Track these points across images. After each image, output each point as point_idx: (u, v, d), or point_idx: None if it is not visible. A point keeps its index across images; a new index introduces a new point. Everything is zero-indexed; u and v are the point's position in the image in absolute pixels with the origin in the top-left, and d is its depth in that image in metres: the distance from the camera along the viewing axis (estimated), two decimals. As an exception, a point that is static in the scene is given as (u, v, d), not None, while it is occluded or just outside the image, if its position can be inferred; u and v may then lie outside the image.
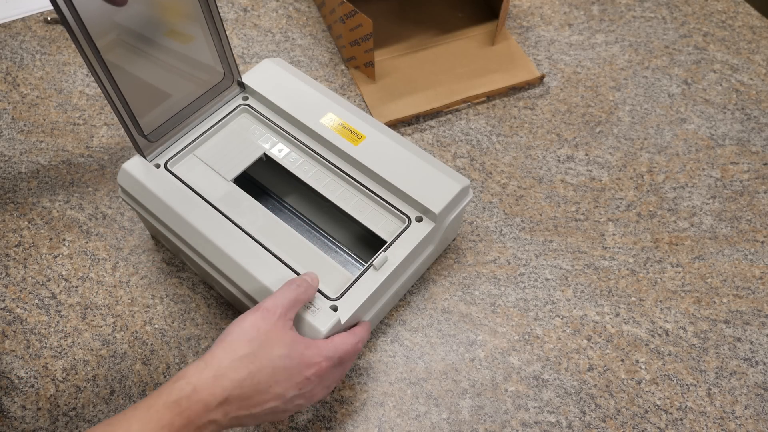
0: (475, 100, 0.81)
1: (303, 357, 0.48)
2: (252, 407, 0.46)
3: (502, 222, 0.72)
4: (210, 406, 0.44)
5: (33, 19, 0.91)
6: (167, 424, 0.42)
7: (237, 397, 0.45)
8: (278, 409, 0.48)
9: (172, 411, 0.43)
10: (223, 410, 0.44)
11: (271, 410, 0.47)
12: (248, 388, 0.45)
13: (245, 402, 0.45)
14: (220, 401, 0.44)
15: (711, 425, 0.59)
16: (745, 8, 0.93)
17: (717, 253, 0.69)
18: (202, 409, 0.43)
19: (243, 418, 0.46)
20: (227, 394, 0.44)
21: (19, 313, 0.65)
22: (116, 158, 0.77)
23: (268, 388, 0.46)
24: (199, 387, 0.44)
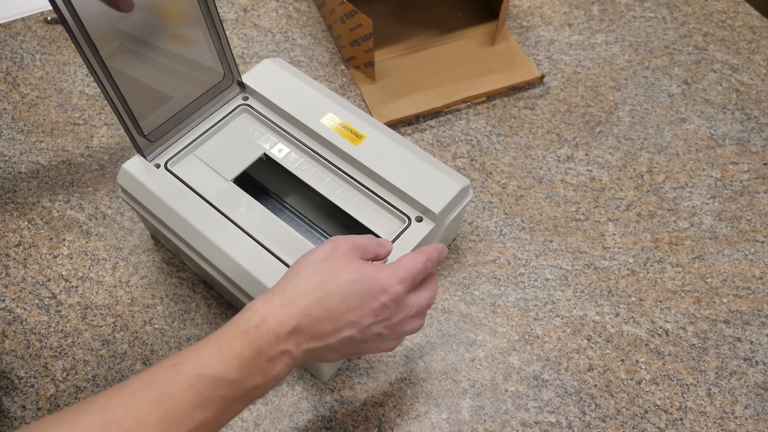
0: (475, 100, 0.81)
1: (375, 281, 0.44)
2: (325, 337, 0.43)
3: (502, 222, 0.72)
4: (280, 335, 0.41)
5: (33, 19, 0.91)
6: (237, 355, 0.40)
7: (307, 325, 0.42)
8: (356, 340, 0.44)
9: (241, 341, 0.41)
10: (295, 340, 0.42)
11: (349, 340, 0.44)
12: (318, 316, 0.43)
13: (317, 331, 0.43)
14: (289, 330, 0.42)
15: (711, 425, 0.59)
16: (745, 8, 0.93)
17: (717, 253, 0.69)
18: (273, 338, 0.41)
19: (319, 351, 0.43)
20: (296, 322, 0.42)
21: (19, 313, 0.65)
22: (116, 158, 0.77)
23: (340, 315, 0.43)
24: (267, 316, 0.42)
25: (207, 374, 0.39)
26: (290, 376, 0.61)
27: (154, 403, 0.37)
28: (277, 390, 0.61)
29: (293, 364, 0.43)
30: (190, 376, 0.39)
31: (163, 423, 0.37)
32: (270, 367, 0.41)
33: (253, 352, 0.41)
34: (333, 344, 0.43)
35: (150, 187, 0.59)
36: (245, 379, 0.40)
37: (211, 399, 0.39)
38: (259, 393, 0.42)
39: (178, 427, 0.37)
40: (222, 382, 0.39)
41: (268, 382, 0.42)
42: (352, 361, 0.62)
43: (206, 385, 0.39)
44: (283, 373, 0.42)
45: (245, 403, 0.41)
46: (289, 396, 0.60)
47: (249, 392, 0.41)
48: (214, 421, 0.39)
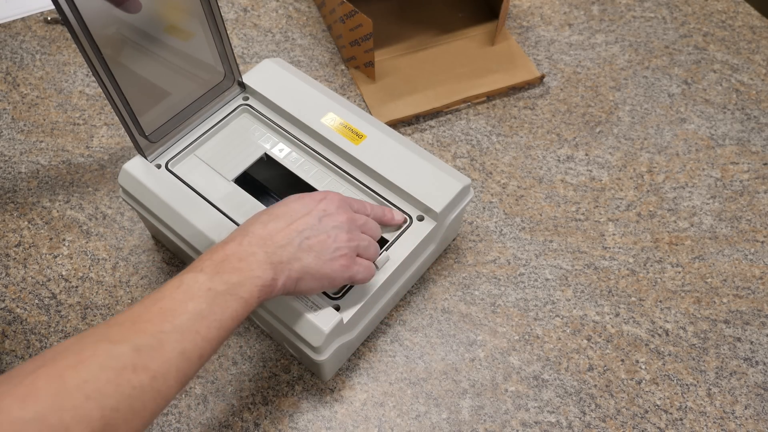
0: (475, 100, 0.81)
1: (311, 194, 0.52)
2: (286, 235, 0.48)
3: (502, 222, 0.72)
4: (242, 243, 0.46)
5: (33, 19, 0.90)
6: (208, 259, 0.45)
7: (262, 230, 0.48)
8: (316, 232, 0.49)
9: (209, 253, 0.46)
10: (257, 243, 0.46)
11: (310, 233, 0.49)
12: (270, 221, 0.48)
13: (275, 233, 0.48)
14: (249, 238, 0.47)
15: (711, 425, 0.59)
16: (745, 8, 0.93)
17: (717, 253, 0.70)
18: (236, 246, 0.46)
19: (286, 247, 0.47)
20: (251, 230, 0.47)
21: (19, 313, 0.65)
22: (116, 158, 0.77)
23: (290, 215, 0.49)
24: (228, 238, 0.47)
25: (187, 277, 0.43)
26: (290, 376, 0.61)
27: (149, 307, 0.41)
28: (277, 390, 0.61)
29: (269, 263, 0.46)
30: (172, 284, 0.43)
31: (160, 317, 0.40)
32: (244, 265, 0.45)
33: (222, 257, 0.45)
34: (296, 240, 0.48)
35: (151, 188, 0.59)
36: (223, 274, 0.44)
37: (198, 292, 0.42)
38: (246, 290, 0.44)
39: (176, 317, 0.41)
40: (201, 279, 0.43)
41: (249, 279, 0.44)
42: (352, 361, 0.62)
43: (188, 284, 0.43)
44: (262, 271, 0.45)
45: (237, 301, 0.44)
46: (289, 396, 0.60)
47: (234, 287, 0.44)
48: (210, 313, 0.42)
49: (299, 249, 0.48)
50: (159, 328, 0.40)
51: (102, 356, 0.37)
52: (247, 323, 0.65)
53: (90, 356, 0.37)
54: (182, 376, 0.40)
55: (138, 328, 0.39)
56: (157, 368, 0.38)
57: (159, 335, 0.39)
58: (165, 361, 0.39)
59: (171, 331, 0.40)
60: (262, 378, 0.61)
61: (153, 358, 0.38)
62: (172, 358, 0.39)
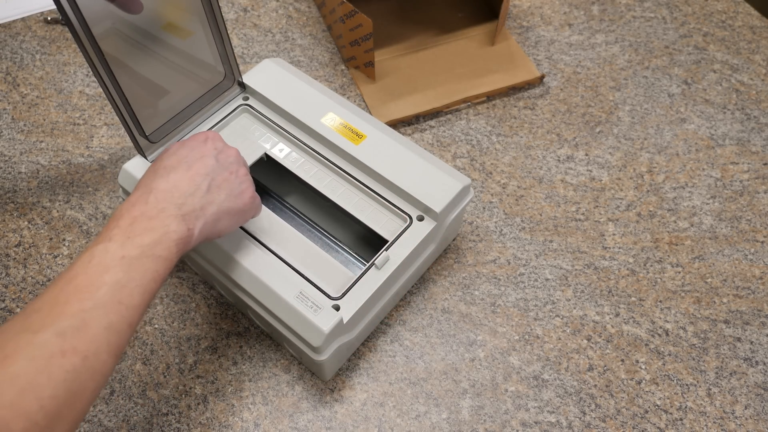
0: (475, 100, 0.81)
1: (196, 138, 0.52)
2: (190, 182, 0.47)
3: (502, 222, 0.72)
4: (148, 201, 0.45)
5: (33, 19, 0.90)
6: (115, 227, 0.43)
7: (165, 183, 0.46)
8: (219, 169, 0.49)
9: (115, 220, 0.44)
10: (163, 198, 0.45)
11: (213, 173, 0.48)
12: (169, 173, 0.47)
13: (178, 183, 0.47)
14: (153, 194, 0.45)
15: (711, 425, 0.59)
16: (745, 8, 0.93)
17: (717, 253, 0.70)
18: (142, 206, 0.44)
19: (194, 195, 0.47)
20: (153, 187, 0.46)
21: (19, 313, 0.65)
22: (116, 158, 0.77)
23: (186, 163, 0.48)
24: (131, 200, 0.46)
25: (96, 249, 0.41)
26: (290, 376, 0.61)
27: (64, 287, 0.40)
28: (277, 390, 0.61)
29: (180, 216, 0.45)
30: (83, 258, 0.41)
31: (77, 295, 0.39)
32: (155, 223, 0.43)
33: (130, 220, 0.43)
34: (203, 184, 0.47)
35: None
36: (134, 238, 0.42)
37: (111, 263, 0.41)
38: (163, 249, 0.43)
39: (94, 292, 0.39)
40: (112, 248, 0.41)
41: (163, 237, 0.43)
42: (352, 361, 0.62)
43: (100, 256, 0.41)
44: (175, 225, 0.44)
45: (155, 261, 0.42)
46: (289, 396, 0.60)
47: (148, 248, 0.42)
48: (129, 281, 0.41)
49: (208, 192, 0.47)
50: (79, 306, 0.38)
51: (26, 348, 0.36)
52: (247, 323, 0.65)
53: (14, 350, 0.36)
54: (114, 348, 0.39)
55: (57, 311, 0.38)
56: (87, 347, 0.38)
57: (81, 314, 0.38)
58: (93, 339, 0.38)
59: (92, 308, 0.39)
60: (262, 378, 0.61)
61: (79, 338, 0.37)
62: (100, 333, 0.38)
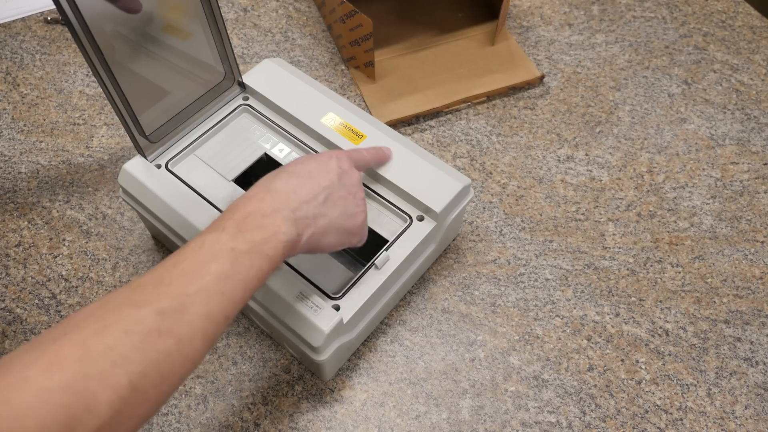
0: (475, 100, 0.81)
1: (324, 155, 0.52)
2: (310, 190, 0.47)
3: (502, 222, 0.72)
4: (265, 199, 0.45)
5: (33, 19, 0.90)
6: (230, 218, 0.44)
7: (285, 185, 0.47)
8: (338, 188, 0.49)
9: (231, 212, 0.45)
10: (281, 199, 0.46)
11: (332, 189, 0.49)
12: (290, 179, 0.48)
13: (299, 188, 0.47)
14: (272, 194, 0.46)
15: (711, 425, 0.59)
16: (745, 8, 0.93)
17: (717, 253, 0.70)
18: (258, 203, 0.45)
19: (311, 202, 0.47)
20: (273, 187, 0.46)
21: (19, 313, 0.65)
22: (116, 158, 0.77)
23: (310, 174, 0.49)
24: (249, 195, 0.46)
25: (208, 237, 0.42)
26: (290, 376, 0.61)
27: (170, 269, 0.40)
28: (277, 390, 0.61)
29: (293, 220, 0.45)
30: (194, 244, 0.42)
31: (182, 278, 0.39)
32: (268, 222, 0.44)
33: (244, 214, 0.44)
34: (320, 195, 0.48)
35: (151, 188, 0.59)
36: (246, 232, 0.43)
37: (220, 252, 0.41)
38: (270, 247, 0.43)
39: (198, 279, 0.40)
40: (224, 238, 0.42)
41: (273, 236, 0.43)
42: (352, 361, 0.62)
43: (210, 244, 0.41)
44: (286, 227, 0.44)
45: (262, 258, 0.43)
46: (289, 396, 0.60)
47: (257, 245, 0.42)
48: (235, 272, 0.41)
49: (323, 204, 0.48)
50: (182, 290, 0.39)
51: (126, 321, 0.36)
52: (247, 323, 0.65)
53: (113, 322, 0.36)
54: (209, 338, 0.39)
55: (161, 291, 0.38)
56: (183, 332, 0.38)
57: (182, 298, 0.38)
58: (190, 324, 0.38)
59: (195, 293, 0.39)
60: (262, 378, 0.61)
61: (177, 321, 0.38)
62: (197, 320, 0.38)
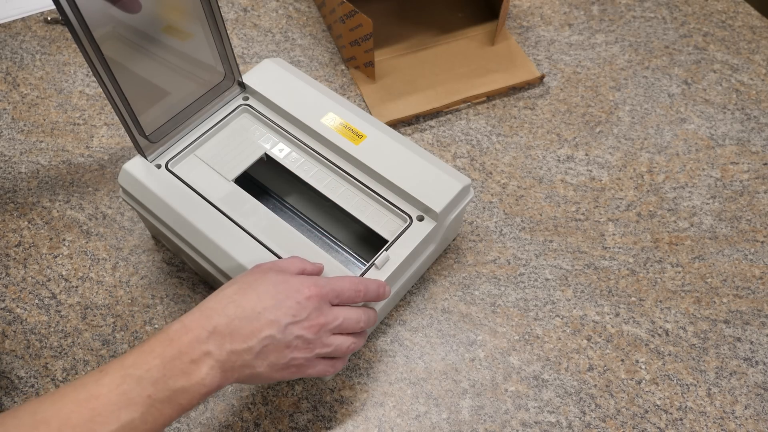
0: (475, 100, 0.81)
1: (289, 283, 0.48)
2: (246, 338, 0.45)
3: (502, 222, 0.72)
4: (201, 337, 0.44)
5: (33, 19, 0.90)
6: (159, 355, 0.42)
7: (225, 325, 0.45)
8: (279, 343, 0.46)
9: (163, 343, 0.43)
10: (216, 342, 0.44)
11: (272, 343, 0.46)
12: (235, 317, 0.45)
13: (237, 332, 0.45)
14: (209, 331, 0.44)
15: (711, 425, 0.59)
16: (745, 8, 0.93)
17: (717, 253, 0.70)
18: (193, 340, 0.43)
19: (244, 355, 0.45)
20: (214, 323, 0.44)
21: (19, 313, 0.65)
22: (116, 158, 0.77)
23: (257, 314, 0.45)
24: (188, 322, 0.45)
25: (130, 374, 0.41)
26: (291, 376, 0.61)
27: (82, 404, 0.39)
28: (277, 390, 0.61)
29: (220, 370, 0.44)
30: (115, 378, 0.41)
31: (89, 422, 0.39)
32: (194, 368, 0.43)
33: (175, 352, 0.43)
34: (256, 347, 0.45)
35: (151, 188, 0.59)
36: (169, 378, 0.42)
37: (136, 398, 0.41)
38: (187, 398, 0.43)
39: (105, 426, 0.39)
40: (145, 381, 0.41)
41: (195, 386, 0.43)
42: (352, 361, 0.62)
43: (130, 384, 0.41)
44: (210, 379, 0.43)
45: (174, 408, 0.42)
46: (289, 396, 0.60)
47: (176, 394, 0.42)
48: (142, 423, 0.41)
49: (255, 356, 0.45)
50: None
51: None
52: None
53: None
54: None
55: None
56: None
57: None
58: None
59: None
60: (262, 378, 0.61)
61: None
62: None
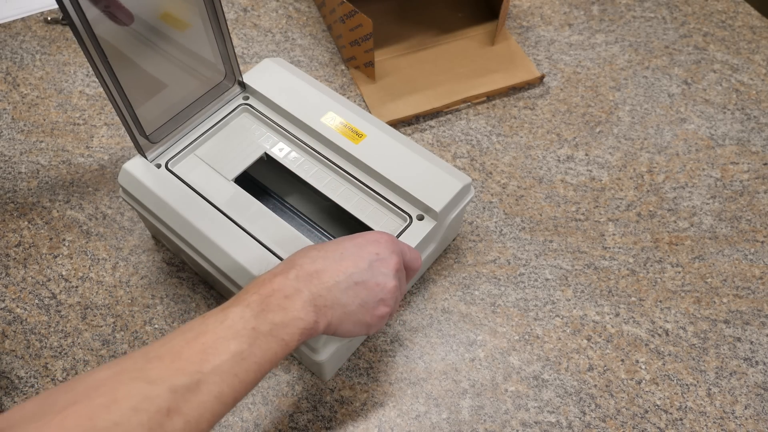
0: (475, 100, 0.81)
1: (367, 235, 0.50)
2: (333, 275, 0.46)
3: (502, 222, 0.72)
4: (289, 277, 0.45)
5: (33, 19, 0.90)
6: (255, 292, 0.44)
7: (311, 266, 0.46)
8: (365, 277, 0.47)
9: (257, 285, 0.45)
10: (304, 281, 0.45)
11: (359, 278, 0.47)
12: (318, 258, 0.47)
13: (323, 271, 0.46)
14: (296, 274, 0.45)
15: (711, 425, 0.59)
16: (745, 8, 0.93)
17: (717, 253, 0.70)
18: (283, 280, 0.45)
19: (331, 290, 0.46)
20: (299, 266, 0.46)
21: (19, 313, 0.65)
22: (116, 158, 0.77)
23: (341, 255, 0.48)
24: (275, 270, 0.46)
25: (232, 311, 0.42)
26: (290, 376, 0.61)
27: (191, 342, 0.40)
28: (277, 390, 0.61)
29: (312, 305, 0.45)
30: (219, 317, 0.42)
31: (201, 354, 0.39)
32: (289, 303, 0.44)
33: (268, 291, 0.44)
34: (343, 283, 0.46)
35: (151, 187, 0.59)
36: (268, 312, 0.43)
37: (242, 331, 0.41)
38: (288, 333, 0.43)
39: (216, 356, 0.40)
40: (247, 314, 0.42)
41: (293, 321, 0.43)
42: (352, 361, 0.62)
43: (233, 319, 0.42)
44: (305, 313, 0.44)
45: (279, 344, 0.43)
46: (289, 396, 0.60)
47: (276, 328, 0.43)
48: (251, 354, 0.41)
49: (344, 292, 0.46)
50: (198, 367, 0.39)
51: (137, 397, 0.36)
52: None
53: (124, 396, 0.36)
54: (215, 419, 0.39)
55: (177, 366, 0.38)
56: (192, 413, 0.37)
57: (197, 375, 0.38)
58: (200, 405, 0.38)
59: (210, 372, 0.39)
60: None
61: (189, 401, 0.37)
62: (208, 401, 0.38)
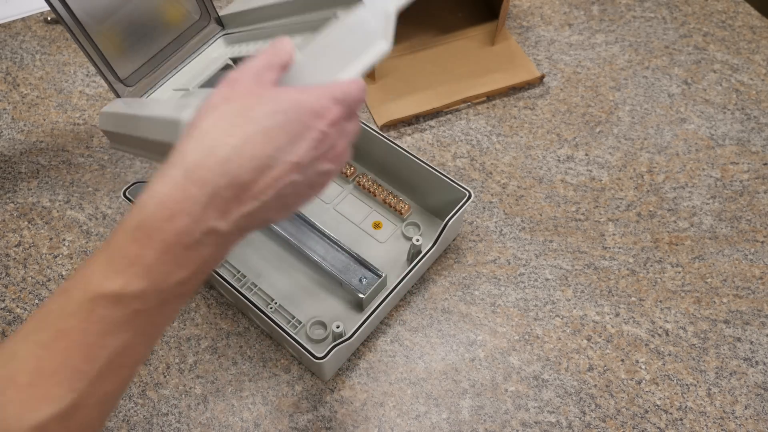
0: (475, 100, 0.81)
1: (303, 106, 0.33)
2: (260, 193, 0.33)
3: (502, 222, 0.72)
4: (193, 214, 0.31)
5: (33, 19, 0.90)
6: (134, 260, 0.31)
7: (228, 186, 0.32)
8: (300, 185, 0.34)
9: (139, 241, 0.31)
10: (217, 211, 0.32)
11: (291, 188, 0.34)
12: (241, 168, 0.32)
13: (245, 188, 0.32)
14: (204, 202, 0.31)
15: (711, 425, 0.59)
16: (745, 8, 0.93)
17: (717, 253, 0.69)
18: (183, 223, 0.31)
19: (257, 213, 0.33)
20: (210, 188, 0.31)
21: (19, 313, 0.65)
22: (116, 158, 0.77)
23: (271, 160, 0.32)
24: (167, 197, 0.31)
25: (103, 294, 0.31)
26: (290, 376, 0.61)
27: (50, 346, 0.31)
28: (277, 390, 0.61)
29: (227, 241, 0.33)
30: (82, 303, 0.31)
31: (67, 367, 0.30)
32: (193, 256, 0.32)
33: (159, 249, 0.31)
34: (271, 200, 0.33)
35: (130, 112, 0.53)
36: (160, 282, 0.31)
37: (121, 319, 0.31)
38: (190, 287, 0.33)
39: (92, 362, 0.31)
40: (127, 298, 0.31)
41: (198, 271, 0.33)
42: (352, 361, 0.62)
43: (106, 307, 0.31)
44: (216, 255, 0.33)
45: (180, 302, 0.34)
46: (289, 396, 0.60)
47: (176, 288, 0.32)
48: (141, 336, 0.32)
49: (279, 207, 0.34)
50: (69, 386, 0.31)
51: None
52: (247, 323, 0.65)
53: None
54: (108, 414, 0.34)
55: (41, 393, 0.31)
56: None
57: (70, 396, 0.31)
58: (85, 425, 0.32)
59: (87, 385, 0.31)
60: (262, 378, 0.61)
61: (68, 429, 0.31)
62: (93, 416, 0.33)
